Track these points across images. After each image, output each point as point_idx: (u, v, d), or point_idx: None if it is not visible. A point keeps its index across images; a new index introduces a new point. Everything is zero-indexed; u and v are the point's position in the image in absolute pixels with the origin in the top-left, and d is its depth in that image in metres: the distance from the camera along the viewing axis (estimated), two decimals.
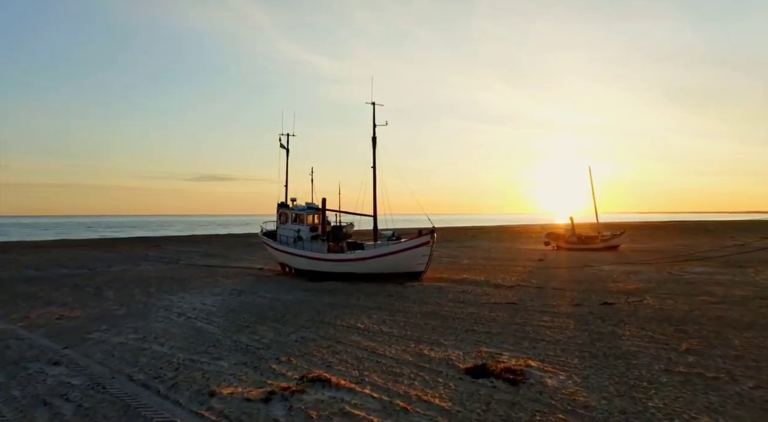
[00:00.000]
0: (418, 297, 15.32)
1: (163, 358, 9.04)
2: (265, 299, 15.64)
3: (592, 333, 10.42)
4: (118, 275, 22.28)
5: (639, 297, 14.39)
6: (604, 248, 34.44)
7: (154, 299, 15.91)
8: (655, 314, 12.03)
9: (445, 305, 14.03)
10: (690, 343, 9.32)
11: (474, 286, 17.64)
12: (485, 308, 13.35)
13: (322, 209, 22.09)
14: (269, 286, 18.64)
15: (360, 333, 10.85)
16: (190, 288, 18.20)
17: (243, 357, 9.03)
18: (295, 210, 22.08)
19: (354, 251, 19.67)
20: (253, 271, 23.79)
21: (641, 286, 16.68)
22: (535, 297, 14.98)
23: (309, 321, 12.28)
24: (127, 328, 11.68)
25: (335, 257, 19.81)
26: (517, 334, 10.46)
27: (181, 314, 13.29)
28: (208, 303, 15.06)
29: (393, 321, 12.02)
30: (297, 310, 13.72)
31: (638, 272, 20.48)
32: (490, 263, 26.28)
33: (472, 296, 15.48)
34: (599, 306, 13.27)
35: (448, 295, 15.66)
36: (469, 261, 27.79)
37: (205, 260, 29.55)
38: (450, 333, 10.80)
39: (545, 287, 16.92)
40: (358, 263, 19.35)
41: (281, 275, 22.26)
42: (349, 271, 19.52)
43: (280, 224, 22.63)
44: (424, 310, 13.33)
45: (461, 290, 16.72)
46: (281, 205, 22.69)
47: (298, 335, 10.75)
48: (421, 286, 17.63)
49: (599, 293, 15.49)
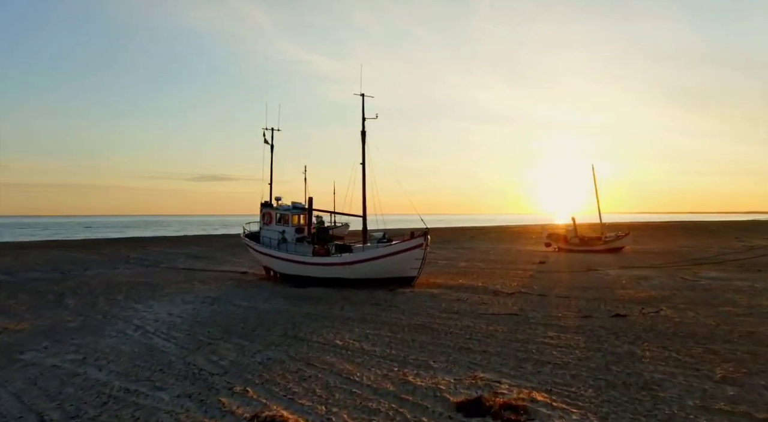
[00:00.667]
0: (408, 307, 13.83)
1: (94, 388, 7.53)
2: (240, 309, 14.15)
3: (606, 353, 8.93)
4: (89, 280, 20.76)
5: (654, 308, 12.90)
6: (608, 249, 32.97)
7: (118, 309, 14.42)
8: (676, 330, 10.54)
9: (437, 316, 12.54)
10: (725, 369, 7.84)
11: (470, 293, 16.16)
12: (482, 321, 11.87)
13: (308, 209, 20.60)
14: (248, 293, 17.14)
15: (337, 352, 9.37)
16: (160, 296, 16.69)
17: (190, 387, 7.53)
18: (279, 210, 20.57)
19: (341, 255, 18.17)
20: (236, 275, 22.28)
21: (654, 294, 15.19)
22: (538, 307, 13.50)
23: (281, 336, 10.78)
24: (71, 346, 10.18)
25: (320, 260, 18.32)
26: (519, 354, 8.98)
27: (139, 328, 11.78)
28: (175, 313, 13.56)
29: (377, 337, 10.54)
30: (271, 322, 12.23)
31: (648, 278, 19.00)
32: (488, 267, 24.80)
33: (468, 305, 14.00)
34: (611, 319, 11.79)
35: (441, 304, 14.17)
36: (467, 264, 26.32)
37: (187, 263, 28.03)
38: (441, 351, 9.32)
39: (548, 295, 15.44)
40: (345, 268, 17.85)
41: (265, 279, 20.76)
42: (336, 276, 18.03)
43: (264, 225, 21.13)
44: (413, 323, 11.84)
45: (456, 297, 15.24)
46: (265, 204, 21.18)
47: (264, 355, 9.25)
48: (413, 293, 16.14)
49: (609, 302, 14.01)
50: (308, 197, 20.48)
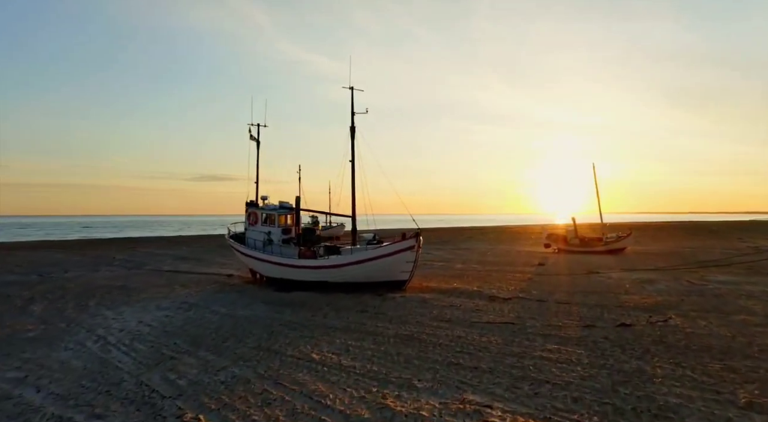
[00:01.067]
0: (397, 314, 12.85)
1: (22, 416, 6.55)
2: (216, 316, 13.17)
3: (612, 370, 7.96)
4: (66, 283, 19.76)
5: (662, 316, 11.92)
6: (609, 251, 32.01)
7: (85, 316, 13.43)
8: (688, 342, 9.56)
9: (427, 325, 11.56)
10: (749, 392, 6.86)
11: (465, 298, 15.18)
12: (475, 330, 10.89)
13: (295, 209, 19.61)
14: (229, 297, 16.15)
15: (311, 369, 8.39)
16: (135, 301, 15.70)
17: (135, 414, 6.55)
18: (265, 210, 19.57)
19: (328, 257, 17.17)
20: (221, 278, 21.29)
21: (661, 299, 14.21)
22: (537, 314, 12.52)
23: (254, 348, 9.80)
24: (17, 361, 9.19)
25: (306, 263, 17.32)
26: (514, 371, 8.00)
27: (100, 339, 10.80)
28: (146, 321, 12.58)
29: (359, 349, 9.56)
30: (246, 332, 11.24)
31: (652, 281, 18.02)
32: (485, 269, 23.82)
33: (461, 312, 13.02)
34: (615, 328, 10.81)
35: (432, 311, 13.19)
36: (463, 266, 25.34)
37: (174, 265, 27.02)
38: (428, 367, 8.35)
39: (547, 301, 14.46)
40: (332, 271, 16.86)
41: (250, 282, 19.77)
42: (323, 280, 17.04)
43: (249, 226, 20.14)
44: (400, 333, 10.86)
45: (449, 303, 14.26)
46: (250, 204, 20.19)
47: (230, 372, 8.27)
48: (404, 298, 15.15)
49: (612, 309, 13.03)
50: (295, 197, 19.49)
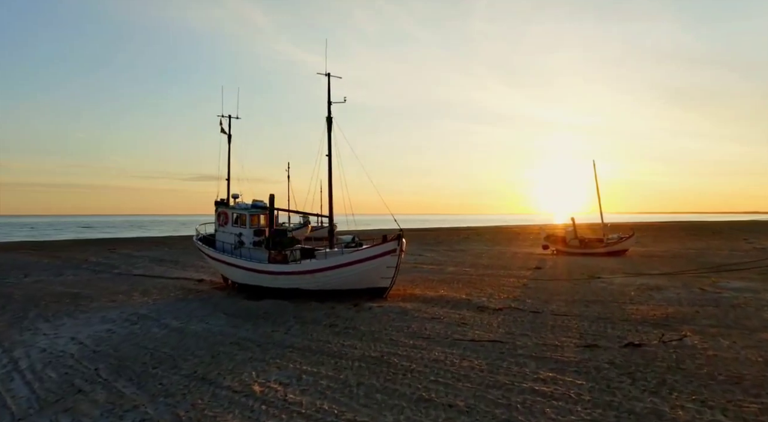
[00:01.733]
0: (369, 329, 11.17)
1: None
2: (163, 331, 11.49)
3: (621, 412, 6.29)
4: (16, 290, 18.05)
5: (676, 332, 10.25)
6: (610, 252, 30.35)
7: (14, 331, 11.75)
8: (712, 369, 7.88)
9: (401, 343, 9.89)
10: None
11: (450, 308, 13.51)
12: (457, 351, 9.22)
13: (269, 208, 17.91)
14: (188, 307, 14.46)
15: (246, 408, 6.72)
16: (82, 311, 14.02)
17: None
18: (236, 209, 17.87)
19: (300, 262, 15.47)
20: (189, 284, 19.59)
21: (671, 311, 12.54)
22: (529, 330, 10.85)
23: (186, 376, 8.12)
24: None
25: (276, 268, 15.63)
26: (498, 412, 6.34)
27: (11, 362, 9.12)
28: (80, 338, 10.90)
29: (313, 378, 7.89)
30: (187, 352, 9.57)
31: (660, 288, 16.35)
32: (477, 273, 22.16)
33: (444, 326, 11.34)
34: (622, 349, 9.14)
35: (411, 325, 11.51)
36: (454, 269, 23.68)
37: (146, 268, 25.31)
38: (392, 405, 6.69)
39: (543, 312, 12.79)
40: (305, 277, 15.18)
41: (221, 289, 18.09)
42: (295, 287, 15.37)
43: (219, 227, 18.46)
44: (368, 354, 9.19)
45: (432, 315, 12.59)
46: (220, 203, 18.49)
47: (140, 414, 6.59)
48: (382, 308, 13.47)
49: (617, 323, 11.36)
50: (269, 195, 17.78)
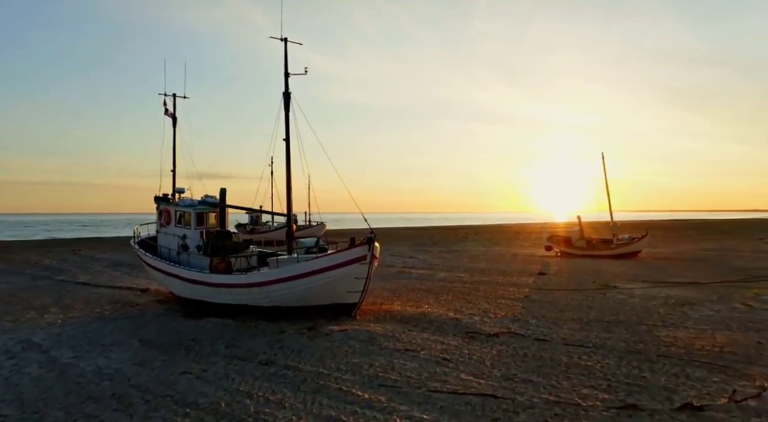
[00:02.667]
0: (317, 370, 8.17)
1: None
2: (40, 371, 8.51)
3: None
4: None
5: (746, 381, 7.22)
6: (620, 255, 27.34)
7: None
8: None
9: (352, 400, 6.88)
10: None
11: (433, 333, 10.51)
12: (429, 416, 6.21)
13: (220, 205, 14.92)
14: (102, 331, 11.47)
15: None
16: None
17: None
18: (179, 206, 14.86)
19: (248, 272, 12.42)
20: (130, 295, 16.56)
21: (723, 340, 9.51)
22: (535, 372, 7.84)
23: None
24: None
25: (218, 280, 12.61)
26: None
27: None
28: None
29: None
30: (35, 415, 6.57)
31: (692, 302, 13.35)
32: (472, 279, 19.17)
33: (420, 365, 8.34)
34: (677, 415, 6.12)
35: (375, 362, 8.51)
36: (447, 275, 20.69)
37: (94, 274, 22.25)
38: None
39: (551, 340, 9.79)
40: (252, 291, 12.16)
41: (163, 302, 15.07)
42: (242, 303, 12.38)
43: (161, 228, 15.46)
44: (296, 419, 6.19)
45: (407, 344, 9.58)
46: (160, 199, 15.47)
47: None
48: (344, 332, 10.47)
49: (655, 360, 8.34)
50: (220, 189, 14.78)
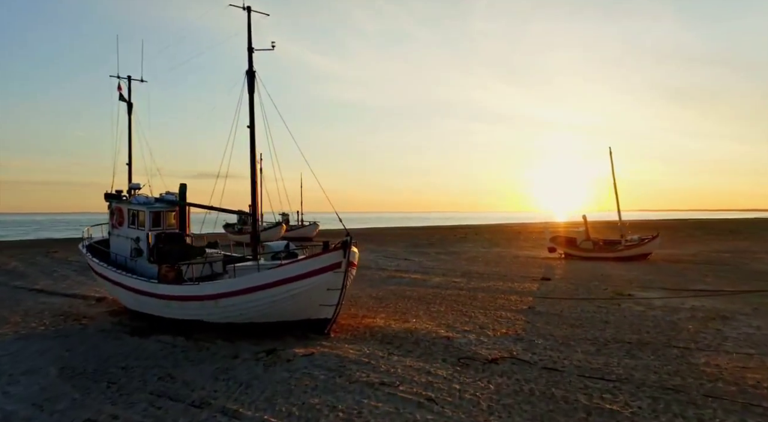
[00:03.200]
0: (258, 417, 6.27)
1: None
2: None
3: None
4: None
5: None
6: (629, 257, 25.42)
7: None
8: None
9: None
10: None
11: (418, 358, 8.62)
12: None
13: (180, 203, 13.01)
14: (22, 353, 9.56)
15: None
16: None
17: None
18: (133, 204, 12.94)
19: (199, 283, 10.45)
20: (82, 305, 14.62)
21: None
22: (546, 419, 5.95)
23: None
24: None
25: (167, 291, 10.68)
26: None
27: None
28: None
29: None
30: None
31: (725, 316, 11.45)
32: (469, 286, 17.29)
33: (394, 408, 6.44)
34: None
35: (339, 403, 6.61)
36: (442, 280, 18.80)
37: (56, 280, 20.30)
38: None
39: (564, 369, 7.89)
40: (206, 305, 10.22)
41: (116, 314, 13.16)
42: (196, 318, 10.47)
43: (113, 229, 13.56)
44: None
45: (383, 375, 7.68)
46: (112, 196, 13.55)
47: None
48: (309, 358, 8.56)
49: (700, 403, 6.42)
50: (180, 185, 12.87)
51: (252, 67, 11.27)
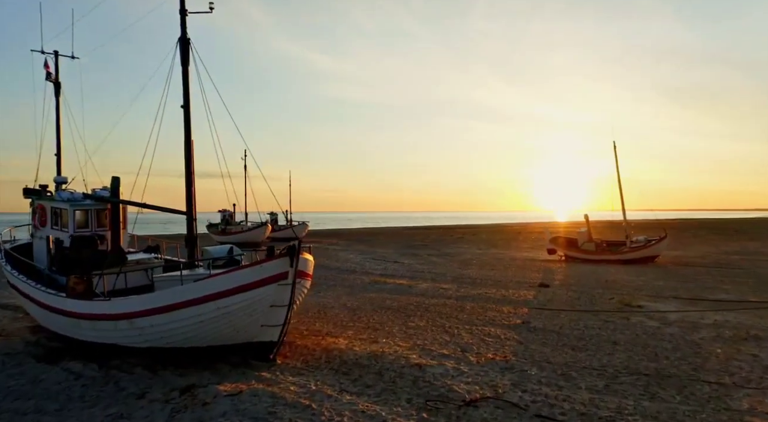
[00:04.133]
0: None
1: None
2: None
3: None
4: None
5: None
6: (635, 260, 23.50)
7: None
8: None
9: None
10: None
11: (375, 397, 6.68)
12: None
13: (111, 200, 11.05)
14: None
15: None
16: None
17: None
18: (55, 202, 10.99)
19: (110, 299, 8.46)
20: (5, 318, 12.69)
21: None
22: None
23: None
24: None
25: (74, 307, 8.71)
26: None
27: None
28: None
29: None
30: None
31: (756, 336, 9.52)
32: (459, 293, 15.38)
33: None
34: None
35: None
36: (428, 287, 16.88)
37: None
38: None
39: (563, 420, 5.95)
40: (119, 325, 8.25)
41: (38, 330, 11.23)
42: (108, 341, 8.52)
43: (35, 231, 11.63)
44: None
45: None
46: (32, 191, 11.61)
47: None
48: (235, 399, 6.59)
49: None
50: (111, 178, 10.92)
51: (185, 33, 9.30)
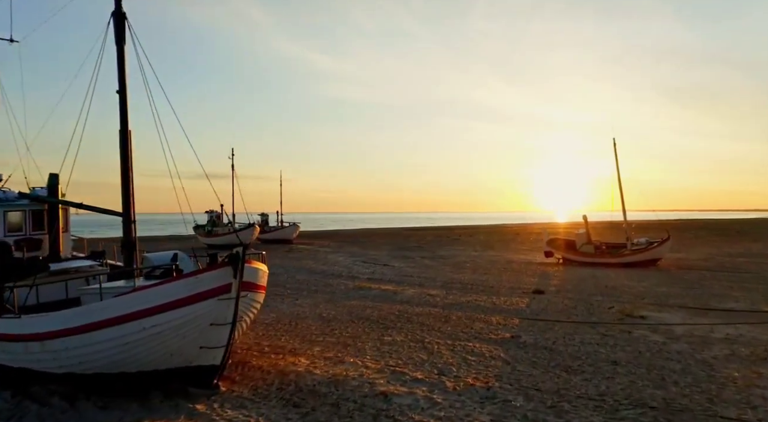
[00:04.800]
0: None
1: None
2: None
3: None
4: None
5: None
6: (637, 263, 22.28)
7: None
8: None
9: None
10: None
11: None
12: None
13: (48, 200, 9.84)
14: None
15: None
16: None
17: None
18: None
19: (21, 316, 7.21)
20: None
21: None
22: None
23: None
24: None
25: None
26: None
27: None
28: None
29: None
30: None
31: None
32: (446, 301, 14.20)
33: None
34: None
35: None
36: (414, 294, 15.69)
37: None
38: None
39: None
40: (31, 348, 7.02)
41: None
42: (20, 365, 7.30)
43: None
44: None
45: None
46: None
47: None
48: None
49: None
50: (49, 175, 9.74)
51: (120, 7, 8.08)
